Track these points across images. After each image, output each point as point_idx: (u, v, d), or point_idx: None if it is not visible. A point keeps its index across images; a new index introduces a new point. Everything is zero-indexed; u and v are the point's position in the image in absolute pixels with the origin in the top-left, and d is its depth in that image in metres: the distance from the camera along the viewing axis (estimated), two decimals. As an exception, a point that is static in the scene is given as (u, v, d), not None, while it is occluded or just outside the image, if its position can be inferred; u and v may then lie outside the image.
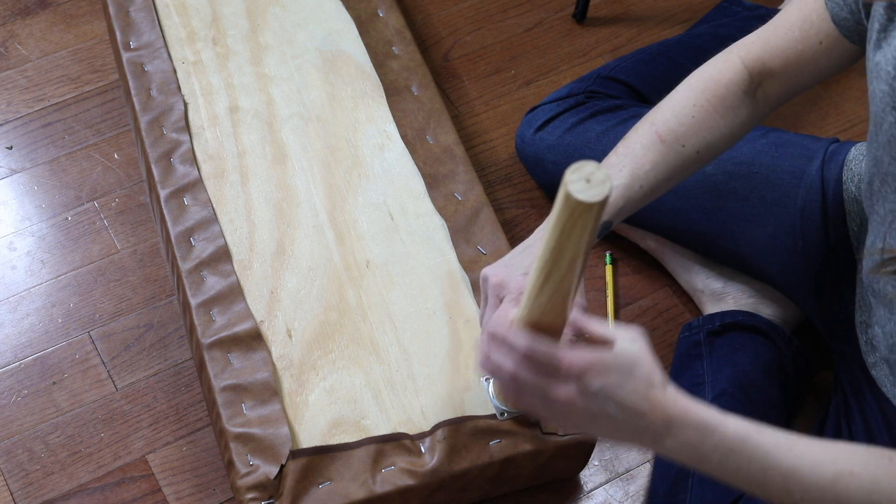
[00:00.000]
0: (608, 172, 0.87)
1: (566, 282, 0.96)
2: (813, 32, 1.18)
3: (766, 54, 1.21)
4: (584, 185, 0.88)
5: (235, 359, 1.32)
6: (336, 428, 1.28)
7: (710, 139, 1.23)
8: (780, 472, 0.97)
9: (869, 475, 0.97)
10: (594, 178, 0.88)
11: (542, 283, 0.97)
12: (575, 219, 0.90)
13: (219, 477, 1.39)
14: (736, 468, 0.98)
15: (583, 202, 0.88)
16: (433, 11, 1.83)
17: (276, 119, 1.52)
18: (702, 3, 1.85)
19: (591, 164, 0.88)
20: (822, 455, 0.98)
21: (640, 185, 1.22)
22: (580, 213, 0.89)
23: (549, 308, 0.98)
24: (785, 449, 0.98)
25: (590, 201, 0.88)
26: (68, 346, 1.48)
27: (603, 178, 0.88)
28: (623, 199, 1.22)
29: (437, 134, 1.52)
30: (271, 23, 1.61)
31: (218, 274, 1.38)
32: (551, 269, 0.95)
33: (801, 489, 0.98)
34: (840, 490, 0.97)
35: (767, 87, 1.23)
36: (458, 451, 1.26)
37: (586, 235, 0.92)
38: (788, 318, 1.48)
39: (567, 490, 1.39)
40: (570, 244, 0.93)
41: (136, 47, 1.57)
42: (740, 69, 1.23)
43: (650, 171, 1.22)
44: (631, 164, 1.22)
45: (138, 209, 1.59)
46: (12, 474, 1.39)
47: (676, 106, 1.24)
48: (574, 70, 1.76)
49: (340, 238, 1.42)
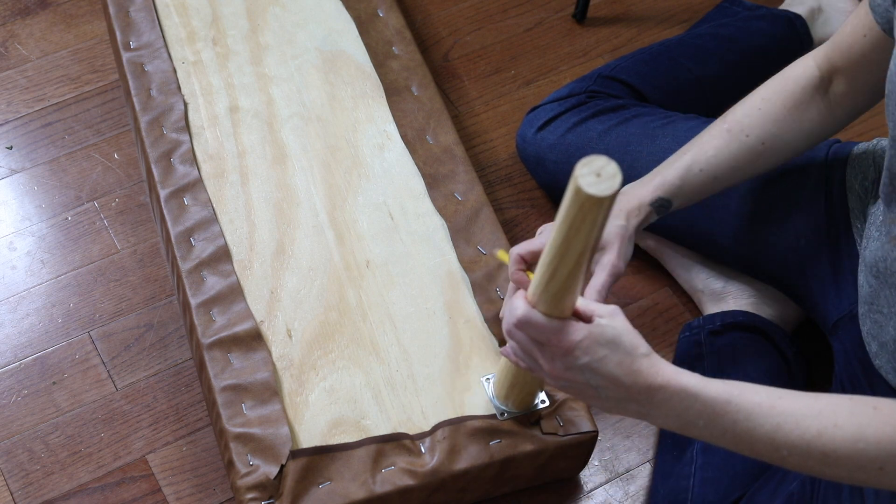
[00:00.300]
0: (618, 167, 0.88)
1: (573, 277, 0.98)
2: (860, 26, 1.21)
3: (832, 51, 1.25)
4: (595, 179, 0.88)
5: (235, 359, 1.32)
6: (336, 428, 1.28)
7: (774, 131, 1.27)
8: (765, 431, 1.00)
9: (853, 425, 0.98)
10: (604, 172, 0.88)
11: (549, 277, 0.98)
12: (584, 213, 0.90)
13: (219, 477, 1.39)
14: (722, 431, 1.02)
15: (593, 196, 0.88)
16: (433, 11, 1.83)
17: (276, 119, 1.52)
18: (702, 3, 1.85)
19: (601, 159, 0.88)
20: (805, 410, 1.00)
21: (700, 169, 1.27)
22: (589, 207, 0.89)
23: (554, 303, 1.00)
24: (768, 408, 1.00)
25: (600, 195, 0.88)
26: (68, 346, 1.48)
27: (613, 172, 0.88)
28: (680, 178, 1.27)
29: (437, 134, 1.52)
30: (271, 23, 1.61)
31: (218, 274, 1.38)
32: (558, 264, 0.97)
33: (788, 446, 1.00)
34: (826, 442, 0.99)
35: (836, 84, 1.26)
36: (458, 451, 1.26)
37: (595, 230, 0.92)
38: (788, 318, 1.48)
39: (567, 490, 1.39)
40: (579, 239, 0.93)
41: (136, 47, 1.57)
42: (811, 67, 1.27)
43: (712, 157, 1.27)
44: (695, 148, 1.29)
45: (138, 209, 1.59)
46: (12, 474, 1.39)
47: (748, 101, 1.29)
48: (574, 70, 1.76)
49: (340, 238, 1.42)
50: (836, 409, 0.99)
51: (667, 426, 1.05)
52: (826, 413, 0.99)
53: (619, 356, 1.02)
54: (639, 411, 1.04)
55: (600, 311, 1.03)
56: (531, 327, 1.04)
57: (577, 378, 1.04)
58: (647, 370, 1.02)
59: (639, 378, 1.02)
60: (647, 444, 1.43)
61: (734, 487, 1.30)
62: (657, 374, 1.02)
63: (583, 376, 1.03)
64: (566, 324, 1.02)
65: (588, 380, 1.03)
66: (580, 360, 1.02)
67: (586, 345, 1.02)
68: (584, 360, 1.02)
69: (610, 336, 1.02)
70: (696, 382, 1.02)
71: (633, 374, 1.02)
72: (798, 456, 1.00)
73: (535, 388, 1.26)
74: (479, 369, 1.33)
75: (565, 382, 1.06)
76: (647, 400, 1.03)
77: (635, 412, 1.05)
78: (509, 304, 1.06)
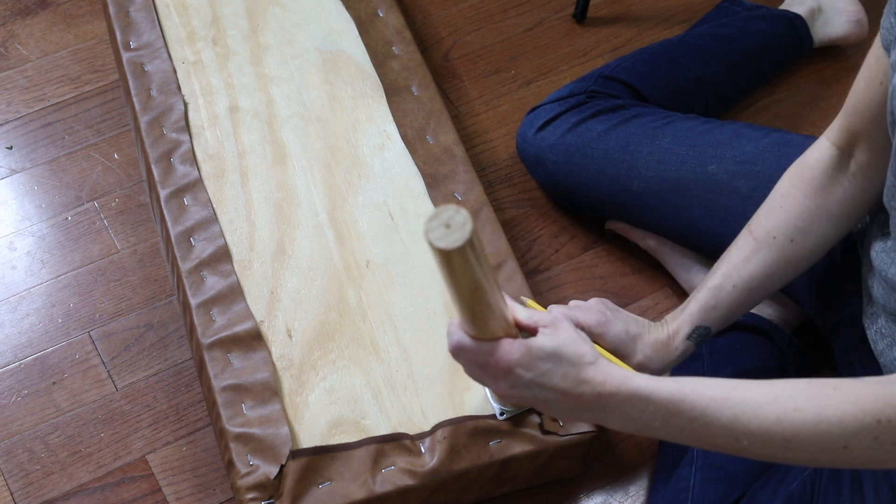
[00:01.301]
0: (468, 214, 0.89)
1: (479, 310, 1.00)
2: (874, 76, 1.15)
3: (847, 119, 1.19)
4: (445, 232, 0.90)
5: (235, 359, 1.32)
6: (336, 428, 1.28)
7: (802, 225, 1.22)
8: (722, 424, 0.99)
9: (813, 407, 0.97)
10: (454, 222, 0.89)
11: (462, 310, 1.01)
12: (451, 262, 0.92)
13: (219, 477, 1.39)
14: (679, 429, 1.01)
15: (444, 249, 0.89)
16: (433, 11, 1.83)
17: (276, 119, 1.52)
18: (702, 3, 1.85)
19: (449, 209, 0.89)
20: (761, 398, 0.98)
21: (733, 285, 1.23)
22: (449, 257, 0.91)
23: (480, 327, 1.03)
24: (722, 401, 0.99)
25: (450, 248, 0.89)
26: (68, 346, 1.48)
27: (462, 220, 0.89)
28: (714, 298, 1.24)
29: (437, 134, 1.52)
30: (271, 23, 1.61)
31: (218, 274, 1.38)
32: (459, 303, 1.00)
33: (747, 435, 0.99)
34: (786, 427, 0.97)
35: (858, 156, 1.21)
36: (458, 451, 1.26)
37: (471, 271, 0.94)
38: (789, 318, 1.48)
39: (567, 490, 1.39)
40: (464, 281, 0.96)
41: (136, 47, 1.57)
42: (827, 147, 1.22)
43: (742, 269, 1.23)
44: (725, 265, 1.24)
45: (138, 209, 1.59)
46: (12, 474, 1.39)
47: (768, 202, 1.24)
48: (574, 70, 1.76)
49: (340, 238, 1.42)
50: (794, 392, 0.98)
51: (624, 429, 1.05)
52: (783, 398, 0.98)
53: (562, 368, 1.02)
54: (594, 418, 1.04)
55: (543, 322, 1.04)
56: (466, 352, 1.05)
57: (525, 394, 1.04)
58: (594, 378, 1.02)
59: (587, 388, 1.02)
60: (648, 444, 1.43)
61: (734, 487, 1.30)
62: (605, 381, 1.02)
63: (530, 392, 1.04)
64: (499, 344, 1.03)
65: (536, 395, 1.04)
66: (523, 377, 1.02)
67: (526, 361, 1.02)
68: (528, 376, 1.03)
69: (550, 349, 1.02)
70: (646, 385, 1.01)
71: (581, 383, 1.02)
72: (759, 445, 0.99)
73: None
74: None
75: (516, 399, 1.06)
76: (599, 407, 1.03)
77: (591, 419, 1.05)
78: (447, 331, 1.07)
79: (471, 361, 1.06)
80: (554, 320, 1.04)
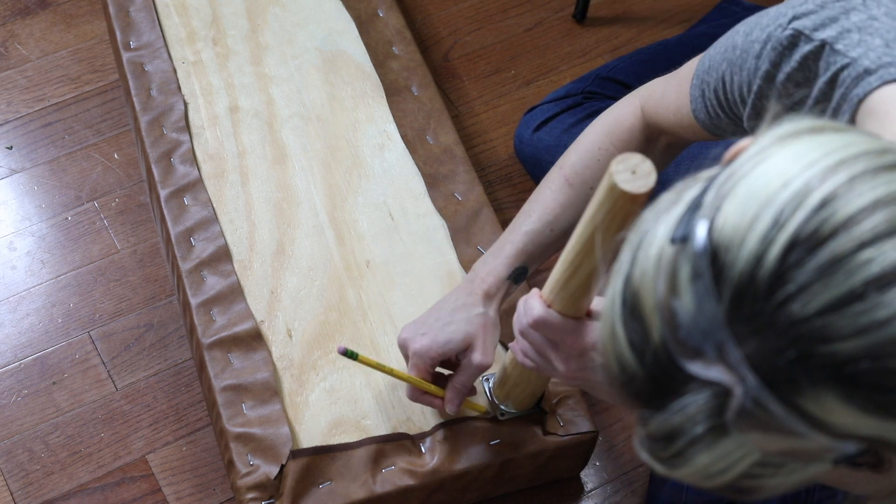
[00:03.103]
0: (653, 165, 0.87)
1: (594, 276, 0.97)
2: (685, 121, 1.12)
3: (656, 114, 1.17)
4: (630, 176, 0.88)
5: (236, 359, 1.32)
6: (336, 428, 1.28)
7: None
8: None
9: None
10: (639, 169, 0.88)
11: (570, 276, 0.98)
12: (617, 210, 0.89)
13: (219, 477, 1.39)
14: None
15: (627, 192, 0.87)
16: (433, 11, 1.83)
17: (276, 119, 1.52)
18: (702, 3, 1.85)
19: (636, 157, 0.88)
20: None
21: (551, 229, 1.22)
22: (623, 204, 0.89)
23: (572, 302, 1.00)
24: None
25: (635, 192, 0.87)
26: (68, 346, 1.48)
27: (648, 170, 0.87)
28: (533, 244, 1.23)
29: (437, 134, 1.52)
30: (271, 23, 1.61)
31: (218, 274, 1.38)
32: (582, 261, 0.96)
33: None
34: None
35: (662, 139, 1.21)
36: (459, 451, 1.26)
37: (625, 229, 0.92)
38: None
39: (567, 490, 1.39)
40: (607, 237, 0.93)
41: (136, 47, 1.57)
42: (640, 118, 1.21)
43: (560, 215, 1.22)
44: (539, 209, 1.23)
45: (138, 209, 1.59)
46: (12, 474, 1.39)
47: (582, 149, 1.23)
48: (574, 70, 1.76)
49: (340, 238, 1.42)
50: None
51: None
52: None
53: None
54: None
55: None
56: (547, 328, 1.03)
57: (591, 378, 1.04)
58: None
59: None
60: (647, 444, 1.43)
61: None
62: None
63: (596, 376, 1.03)
64: (582, 324, 1.02)
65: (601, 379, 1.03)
66: (595, 360, 1.01)
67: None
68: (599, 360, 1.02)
69: None
70: None
71: None
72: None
73: (538, 388, 1.26)
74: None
75: (579, 382, 1.06)
76: None
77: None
78: (524, 304, 1.05)
79: (546, 338, 1.04)
80: None
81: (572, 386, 1.07)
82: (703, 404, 0.65)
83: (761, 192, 0.64)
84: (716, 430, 0.66)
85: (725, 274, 0.63)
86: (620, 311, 0.69)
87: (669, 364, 0.66)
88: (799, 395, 0.62)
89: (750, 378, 0.63)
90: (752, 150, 0.67)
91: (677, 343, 0.65)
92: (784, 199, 0.63)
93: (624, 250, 0.71)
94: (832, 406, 0.62)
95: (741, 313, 0.63)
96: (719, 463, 0.67)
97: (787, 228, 0.62)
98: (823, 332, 0.61)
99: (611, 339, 0.70)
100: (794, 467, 0.67)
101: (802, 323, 0.62)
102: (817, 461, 0.66)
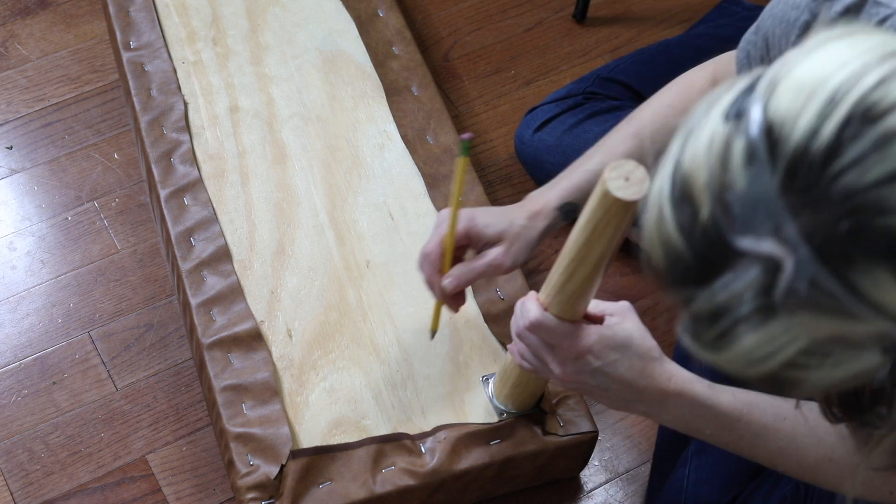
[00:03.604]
0: (646, 172, 0.88)
1: (590, 281, 0.98)
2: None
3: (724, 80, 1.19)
4: (623, 183, 0.88)
5: (236, 359, 1.32)
6: (336, 428, 1.28)
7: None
8: (768, 450, 1.02)
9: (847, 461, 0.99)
10: (633, 176, 0.88)
11: (566, 280, 0.98)
12: (609, 216, 0.90)
13: (219, 477, 1.39)
14: (727, 442, 1.04)
15: (620, 200, 0.88)
16: (433, 11, 1.83)
17: (276, 119, 1.52)
18: (702, 3, 1.85)
19: (629, 163, 0.88)
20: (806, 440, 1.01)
21: None
22: (616, 210, 0.89)
23: (568, 306, 1.00)
24: (773, 431, 1.01)
25: (628, 199, 0.88)
26: (68, 346, 1.48)
27: (641, 177, 0.88)
28: (589, 183, 1.21)
29: (437, 134, 1.52)
30: (271, 23, 1.61)
31: (218, 274, 1.38)
32: (577, 266, 0.97)
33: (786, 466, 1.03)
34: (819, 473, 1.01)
35: None
36: (459, 451, 1.26)
37: (618, 235, 0.93)
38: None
39: (567, 490, 1.39)
40: (601, 242, 0.93)
41: (136, 47, 1.57)
42: (712, 81, 1.22)
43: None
44: (603, 152, 1.23)
45: (138, 209, 1.59)
46: (12, 474, 1.39)
47: (654, 104, 1.24)
48: (574, 70, 1.76)
49: (340, 238, 1.42)
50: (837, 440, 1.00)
51: (672, 427, 1.06)
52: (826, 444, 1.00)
53: (630, 360, 1.02)
54: (646, 411, 1.05)
55: (611, 311, 1.03)
56: (543, 330, 1.03)
57: (588, 381, 1.04)
58: (660, 375, 1.02)
59: (650, 382, 1.02)
60: (647, 444, 1.43)
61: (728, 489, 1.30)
62: (670, 380, 1.02)
63: (594, 379, 1.03)
64: (578, 327, 1.02)
65: (599, 383, 1.04)
66: (591, 364, 1.02)
67: (598, 349, 1.02)
68: (596, 364, 1.02)
69: (621, 339, 1.02)
70: (708, 394, 1.02)
71: (645, 377, 1.02)
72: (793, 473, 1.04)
73: (538, 389, 1.26)
74: (480, 369, 1.33)
75: (575, 385, 1.06)
76: (657, 403, 1.03)
77: (642, 411, 1.06)
78: (521, 306, 1.05)
79: (542, 341, 1.04)
80: (622, 309, 1.04)
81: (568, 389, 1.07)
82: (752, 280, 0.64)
83: (817, 73, 0.64)
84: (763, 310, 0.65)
85: (780, 147, 0.63)
86: (669, 194, 0.68)
87: (719, 241, 0.65)
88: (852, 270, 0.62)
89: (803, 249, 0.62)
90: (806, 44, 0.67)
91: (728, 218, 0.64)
92: (841, 78, 0.63)
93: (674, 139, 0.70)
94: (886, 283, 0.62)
95: (795, 184, 0.62)
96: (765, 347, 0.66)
97: (843, 104, 0.62)
98: (879, 204, 0.61)
99: (657, 224, 0.69)
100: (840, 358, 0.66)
101: (857, 194, 0.61)
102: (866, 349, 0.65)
